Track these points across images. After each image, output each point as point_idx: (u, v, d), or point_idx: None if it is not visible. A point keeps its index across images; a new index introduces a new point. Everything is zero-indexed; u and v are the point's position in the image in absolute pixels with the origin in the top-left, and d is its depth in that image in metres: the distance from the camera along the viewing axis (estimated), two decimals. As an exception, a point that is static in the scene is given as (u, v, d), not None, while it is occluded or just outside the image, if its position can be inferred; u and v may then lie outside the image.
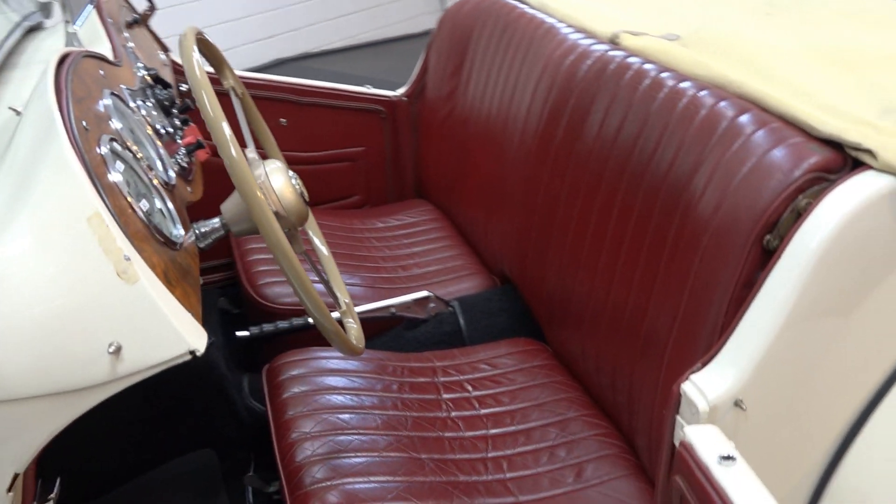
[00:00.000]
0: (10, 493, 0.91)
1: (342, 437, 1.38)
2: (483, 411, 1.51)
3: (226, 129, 1.03)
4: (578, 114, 1.57)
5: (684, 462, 1.01)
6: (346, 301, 1.40)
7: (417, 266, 2.00)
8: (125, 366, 0.89)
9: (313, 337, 1.72)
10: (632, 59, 1.51)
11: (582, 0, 1.91)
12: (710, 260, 1.19)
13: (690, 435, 1.03)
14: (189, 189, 1.37)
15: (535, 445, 1.43)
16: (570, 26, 1.76)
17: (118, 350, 0.88)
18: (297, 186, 1.23)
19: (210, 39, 1.29)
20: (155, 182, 1.16)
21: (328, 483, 1.28)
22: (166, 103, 1.49)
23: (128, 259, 0.88)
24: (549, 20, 1.82)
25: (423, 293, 1.81)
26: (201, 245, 1.25)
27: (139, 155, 1.16)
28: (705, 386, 1.09)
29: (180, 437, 1.63)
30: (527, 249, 1.71)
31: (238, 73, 2.14)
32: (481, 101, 1.99)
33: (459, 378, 1.60)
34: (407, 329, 1.80)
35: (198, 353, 0.90)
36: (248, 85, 2.12)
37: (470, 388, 1.57)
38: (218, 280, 2.12)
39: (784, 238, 1.09)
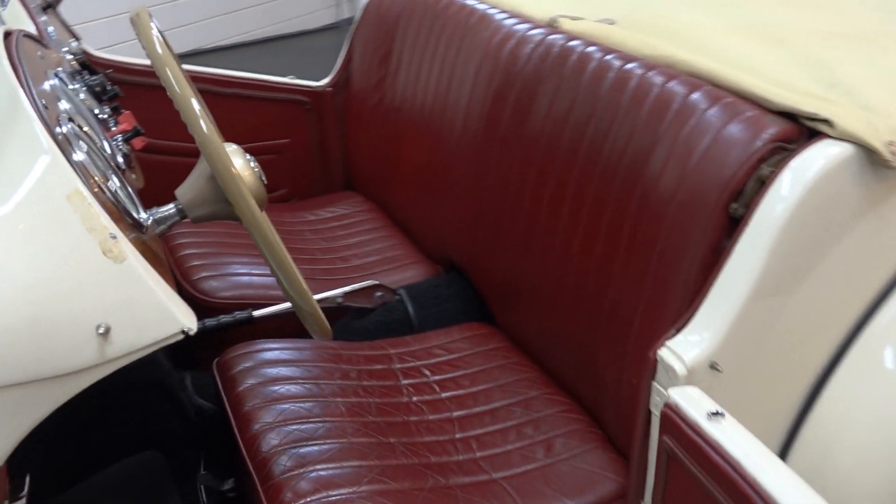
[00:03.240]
0: None
1: (307, 426, 1.34)
2: (444, 395, 1.51)
3: (195, 105, 0.99)
4: (525, 98, 1.59)
5: (672, 422, 1.04)
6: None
7: (357, 257, 1.97)
8: (114, 348, 0.84)
9: (256, 330, 1.68)
10: (574, 43, 1.54)
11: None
12: (677, 230, 1.22)
13: (675, 396, 1.06)
14: (134, 176, 1.31)
15: (501, 424, 1.43)
16: (503, 12, 1.78)
17: (107, 331, 0.83)
18: (257, 170, 1.19)
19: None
20: (112, 164, 1.10)
21: (299, 471, 1.24)
22: (97, 89, 1.42)
23: (114, 237, 0.83)
24: (481, 7, 1.83)
25: (370, 282, 1.78)
26: (156, 231, 1.20)
27: (92, 137, 1.10)
28: (682, 350, 1.12)
29: (123, 439, 1.55)
30: (476, 234, 1.72)
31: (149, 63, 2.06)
32: (414, 89, 1.98)
33: (416, 364, 1.59)
34: (354, 319, 1.77)
35: (190, 333, 0.87)
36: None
37: (428, 373, 1.56)
38: None
39: (750, 206, 1.14)
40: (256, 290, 1.76)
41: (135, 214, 1.07)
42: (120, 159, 1.23)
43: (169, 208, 1.19)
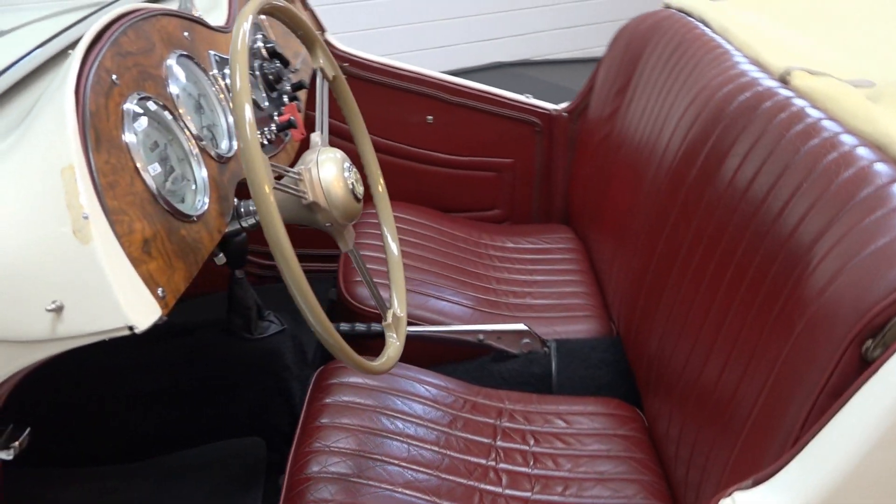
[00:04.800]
0: None
1: (361, 461, 1.26)
2: (535, 471, 1.32)
3: (247, 110, 0.94)
4: (717, 153, 1.33)
5: None
6: (399, 314, 1.28)
7: (532, 296, 1.83)
8: (65, 327, 0.83)
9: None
10: (794, 100, 1.26)
11: (770, 29, 1.65)
12: (800, 352, 0.93)
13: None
14: None
15: (576, 526, 1.22)
16: (744, 56, 1.52)
17: (59, 309, 0.82)
18: (350, 181, 1.13)
19: (300, 14, 1.21)
20: (196, 150, 1.10)
21: (326, 507, 1.16)
22: (270, 77, 1.45)
23: (86, 218, 0.82)
24: (725, 46, 1.58)
25: (520, 326, 1.64)
26: (244, 224, 1.18)
27: (187, 120, 1.10)
28: (749, 511, 0.85)
29: (230, 419, 1.59)
30: (638, 299, 1.49)
31: (391, 62, 2.09)
32: (636, 126, 1.78)
33: (524, 427, 1.42)
34: (495, 361, 1.64)
35: (136, 330, 0.83)
36: (397, 76, 2.07)
37: (532, 441, 1.39)
38: (333, 270, 2.07)
39: (888, 348, 0.82)
40: (409, 309, 1.70)
41: (192, 201, 1.06)
42: (233, 146, 1.23)
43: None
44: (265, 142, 1.34)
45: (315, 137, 1.20)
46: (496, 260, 1.96)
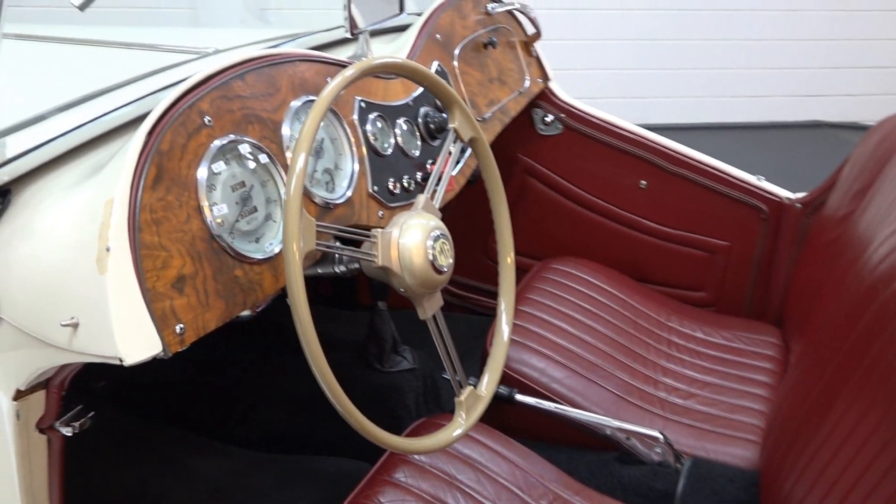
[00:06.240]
0: (16, 403, 0.98)
1: (409, 533, 1.20)
2: None
3: (300, 161, 0.93)
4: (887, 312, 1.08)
5: None
6: (482, 394, 1.20)
7: (697, 400, 1.62)
8: (78, 342, 0.89)
9: (515, 414, 1.55)
10: None
11: None
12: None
13: None
14: (381, 213, 1.29)
15: None
16: None
17: (76, 326, 0.88)
18: (432, 252, 1.06)
19: (433, 74, 1.16)
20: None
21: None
22: (431, 126, 1.42)
23: (108, 250, 0.87)
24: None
25: (654, 431, 1.46)
26: (337, 269, 1.17)
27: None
28: None
29: (349, 439, 1.61)
30: (784, 435, 1.26)
31: (612, 119, 1.97)
32: (858, 237, 1.49)
33: (608, 548, 1.26)
34: (619, 461, 1.48)
35: (124, 363, 0.86)
36: (616, 135, 1.96)
37: (609, 567, 1.23)
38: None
39: None
40: (544, 378, 1.60)
41: (264, 243, 1.07)
42: (346, 194, 1.21)
43: (354, 261, 1.15)
44: (397, 190, 1.32)
45: (420, 198, 1.15)
46: (675, 348, 1.77)
